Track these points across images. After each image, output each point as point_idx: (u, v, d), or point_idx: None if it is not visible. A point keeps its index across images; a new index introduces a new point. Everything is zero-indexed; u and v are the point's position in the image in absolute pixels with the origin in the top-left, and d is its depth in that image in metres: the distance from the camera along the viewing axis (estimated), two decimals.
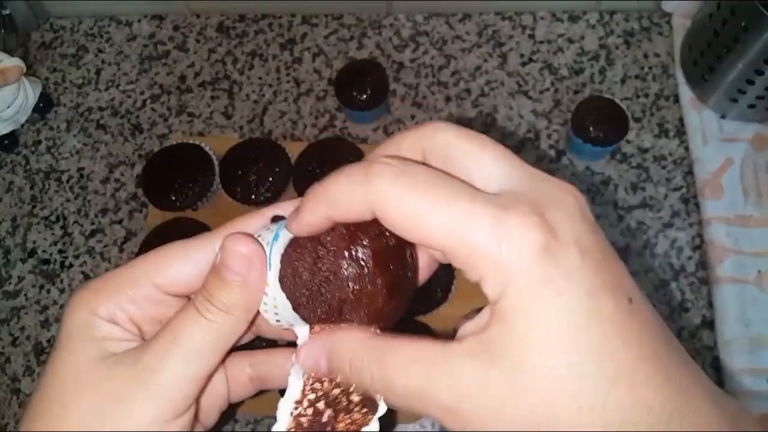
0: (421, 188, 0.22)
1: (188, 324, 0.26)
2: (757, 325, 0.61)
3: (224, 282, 0.26)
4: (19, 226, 0.72)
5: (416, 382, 0.22)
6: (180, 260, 0.27)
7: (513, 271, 0.21)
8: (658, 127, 0.71)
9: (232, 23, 0.79)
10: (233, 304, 0.26)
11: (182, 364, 0.25)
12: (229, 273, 0.26)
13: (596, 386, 0.20)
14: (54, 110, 0.77)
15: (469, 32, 0.76)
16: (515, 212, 0.21)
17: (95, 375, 0.25)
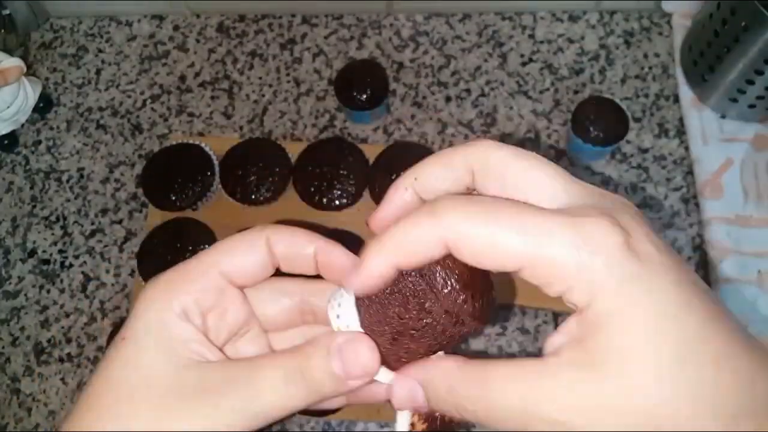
0: (491, 215, 0.22)
1: (269, 392, 0.25)
2: (757, 325, 0.61)
3: (329, 373, 0.26)
4: (19, 226, 0.72)
5: (518, 399, 0.22)
6: (244, 249, 0.28)
7: (600, 275, 0.21)
8: (658, 127, 0.71)
9: (232, 23, 0.79)
10: (319, 390, 0.26)
11: (239, 420, 0.25)
12: (339, 368, 0.26)
13: (700, 374, 0.20)
14: (54, 110, 0.77)
15: (469, 32, 0.76)
16: (588, 219, 0.22)
17: (164, 382, 0.25)
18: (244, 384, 0.25)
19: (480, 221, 0.22)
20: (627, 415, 0.20)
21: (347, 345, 0.26)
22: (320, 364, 0.26)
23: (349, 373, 0.26)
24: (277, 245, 0.28)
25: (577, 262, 0.21)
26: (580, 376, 0.21)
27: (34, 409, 0.64)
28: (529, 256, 0.22)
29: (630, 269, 0.21)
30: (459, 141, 0.71)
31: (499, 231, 0.22)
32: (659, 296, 0.21)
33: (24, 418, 0.64)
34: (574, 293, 0.22)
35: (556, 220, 0.22)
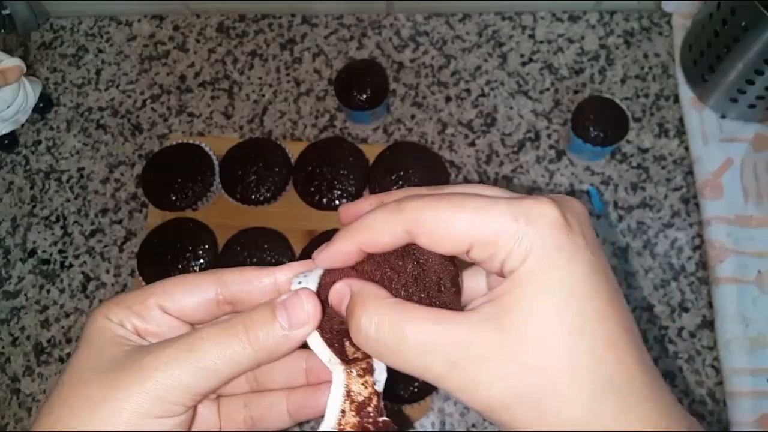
0: (444, 204, 0.26)
1: (208, 342, 0.27)
2: (757, 325, 0.61)
3: (272, 323, 0.27)
4: (19, 226, 0.72)
5: (427, 335, 0.24)
6: (187, 291, 0.30)
7: (533, 240, 0.24)
8: (658, 127, 0.71)
9: (232, 23, 0.79)
10: (264, 345, 0.27)
11: (185, 375, 0.26)
12: (283, 319, 0.27)
13: (593, 349, 0.23)
14: (54, 110, 0.77)
15: (469, 32, 0.76)
16: (527, 199, 0.25)
17: (112, 364, 0.27)
18: (186, 344, 0.27)
19: (435, 209, 0.26)
20: (515, 365, 0.23)
21: (290, 297, 0.28)
22: (263, 316, 0.27)
23: (293, 320, 0.27)
24: (229, 286, 0.30)
25: (515, 231, 0.24)
26: (485, 325, 0.24)
27: (34, 409, 0.64)
28: (476, 233, 0.25)
29: (558, 239, 0.24)
30: (459, 141, 0.72)
31: (451, 211, 0.25)
32: (577, 270, 0.24)
33: (24, 418, 0.64)
34: (510, 260, 0.24)
35: (498, 202, 0.25)
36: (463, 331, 0.24)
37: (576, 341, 0.23)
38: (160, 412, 0.26)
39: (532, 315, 0.23)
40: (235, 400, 0.32)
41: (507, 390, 0.23)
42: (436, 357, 0.24)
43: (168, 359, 0.26)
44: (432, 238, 0.26)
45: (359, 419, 0.28)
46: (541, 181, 0.69)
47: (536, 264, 0.24)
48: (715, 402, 0.61)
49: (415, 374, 0.25)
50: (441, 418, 0.61)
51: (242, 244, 0.65)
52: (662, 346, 0.63)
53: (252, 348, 0.27)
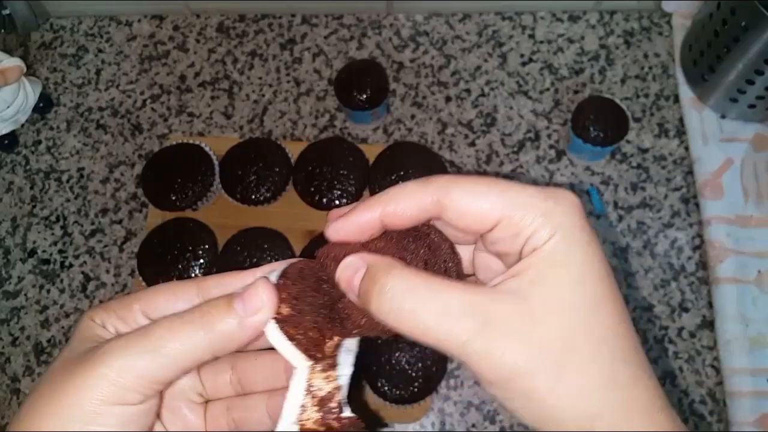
0: (474, 179, 0.27)
1: (164, 328, 0.27)
2: (757, 325, 0.61)
3: (228, 311, 0.27)
4: (19, 226, 0.72)
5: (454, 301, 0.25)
6: (169, 298, 0.30)
7: (562, 219, 0.25)
8: (658, 127, 0.71)
9: (232, 23, 0.79)
10: (219, 332, 0.27)
11: (140, 361, 0.26)
12: (239, 306, 0.27)
13: (610, 324, 0.25)
14: (54, 110, 0.77)
15: (469, 32, 0.76)
16: (553, 188, 0.27)
17: (71, 358, 0.27)
18: (143, 331, 0.27)
19: (467, 182, 0.27)
20: (540, 330, 0.24)
21: (247, 288, 0.28)
22: (219, 304, 0.27)
23: (247, 307, 0.27)
24: (210, 291, 0.30)
25: (546, 208, 0.25)
26: (509, 296, 0.25)
27: None
28: (508, 208, 0.26)
29: (581, 222, 0.26)
30: (459, 141, 0.72)
31: (484, 188, 0.26)
32: (594, 250, 0.26)
33: None
34: (534, 237, 0.25)
35: (525, 185, 0.26)
36: (489, 299, 0.25)
37: (595, 315, 0.25)
38: (117, 398, 0.26)
39: (555, 288, 0.25)
40: (220, 404, 0.32)
41: (530, 354, 0.24)
42: (461, 322, 0.24)
43: (123, 346, 0.26)
44: (461, 211, 0.26)
45: (321, 415, 0.27)
46: (541, 181, 0.69)
47: (562, 241, 0.25)
48: (715, 402, 0.61)
49: (436, 343, 0.25)
50: (441, 418, 0.61)
51: (242, 244, 0.65)
52: (662, 346, 0.63)
53: (207, 335, 0.27)
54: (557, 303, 0.25)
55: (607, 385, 0.24)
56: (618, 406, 0.24)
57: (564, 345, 0.24)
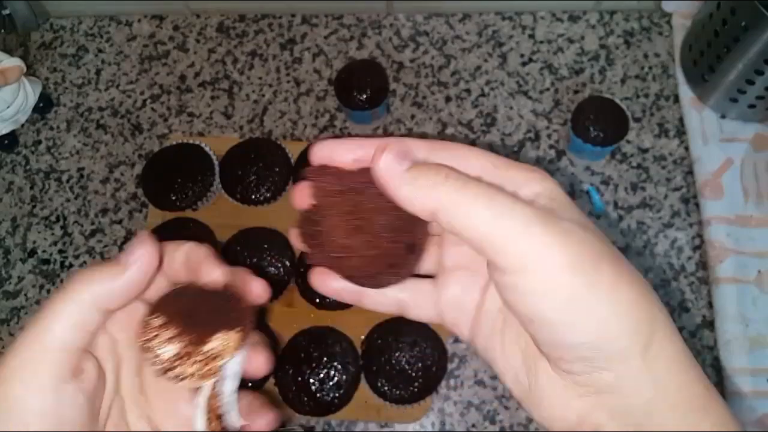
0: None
1: (78, 280, 0.27)
2: (757, 325, 0.61)
3: (122, 262, 0.27)
4: (19, 226, 0.72)
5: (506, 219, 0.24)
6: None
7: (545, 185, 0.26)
8: (658, 127, 0.71)
9: (232, 23, 0.79)
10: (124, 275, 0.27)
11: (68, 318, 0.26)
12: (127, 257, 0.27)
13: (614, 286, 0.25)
14: (54, 110, 0.77)
15: (469, 32, 0.76)
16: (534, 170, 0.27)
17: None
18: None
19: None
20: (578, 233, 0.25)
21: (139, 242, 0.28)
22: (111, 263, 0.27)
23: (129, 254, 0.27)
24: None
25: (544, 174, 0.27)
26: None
27: None
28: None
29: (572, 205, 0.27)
30: (459, 141, 0.71)
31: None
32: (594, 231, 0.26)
33: None
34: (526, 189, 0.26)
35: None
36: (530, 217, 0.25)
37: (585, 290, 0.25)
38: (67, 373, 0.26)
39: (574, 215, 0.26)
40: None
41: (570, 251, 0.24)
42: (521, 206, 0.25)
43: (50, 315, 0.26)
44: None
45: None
46: None
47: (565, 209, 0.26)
48: None
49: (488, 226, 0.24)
50: (441, 418, 0.61)
51: (242, 244, 0.65)
52: None
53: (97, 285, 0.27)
54: (588, 225, 0.26)
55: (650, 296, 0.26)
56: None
57: (610, 253, 0.25)
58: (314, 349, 0.61)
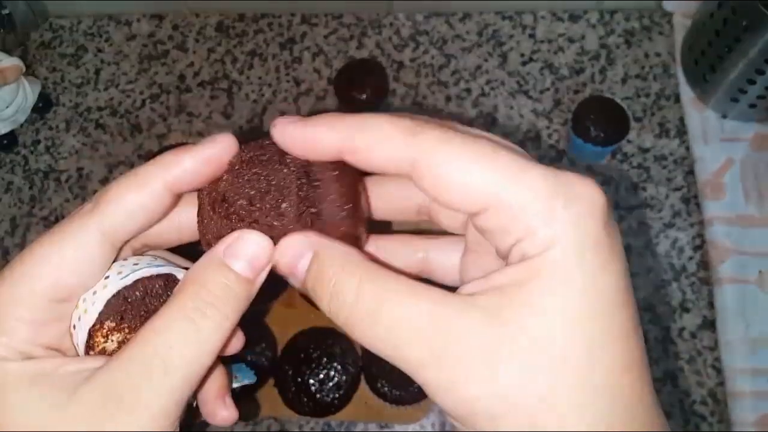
0: (471, 147, 0.21)
1: (174, 338, 0.22)
2: (758, 326, 0.61)
3: (234, 279, 0.23)
4: (18, 226, 0.72)
5: (412, 315, 0.20)
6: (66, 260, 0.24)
7: (567, 229, 0.19)
8: (659, 126, 0.71)
9: (232, 23, 0.79)
10: (235, 306, 0.23)
11: (175, 394, 0.22)
12: (240, 266, 0.23)
13: (610, 373, 0.19)
14: (53, 110, 0.77)
15: (470, 32, 0.76)
16: (571, 174, 0.20)
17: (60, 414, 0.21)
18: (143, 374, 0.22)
19: (459, 151, 0.21)
20: (515, 368, 0.19)
21: (234, 242, 0.23)
22: (217, 275, 0.23)
23: (254, 264, 0.23)
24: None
25: (548, 210, 0.20)
26: (484, 318, 0.20)
27: None
28: (499, 197, 0.20)
29: (597, 236, 0.20)
30: None
31: (476, 165, 0.20)
32: (609, 278, 0.20)
33: None
34: (527, 243, 0.20)
35: (534, 166, 0.20)
36: (455, 318, 0.20)
37: (593, 361, 0.19)
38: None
39: (547, 319, 0.19)
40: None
41: (499, 394, 0.19)
42: (417, 342, 0.20)
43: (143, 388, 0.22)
44: (439, 184, 0.21)
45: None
46: None
47: (562, 259, 0.19)
48: (716, 402, 0.61)
49: (389, 358, 0.21)
50: (441, 419, 0.61)
51: None
52: (663, 347, 0.63)
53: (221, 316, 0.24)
54: (546, 340, 0.19)
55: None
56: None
57: (543, 391, 0.19)
58: (314, 349, 0.60)
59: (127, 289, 0.25)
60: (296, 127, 0.23)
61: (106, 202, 0.24)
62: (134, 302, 0.25)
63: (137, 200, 0.24)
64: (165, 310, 0.23)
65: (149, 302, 0.25)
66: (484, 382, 0.19)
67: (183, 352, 0.22)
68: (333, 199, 0.24)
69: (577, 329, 0.19)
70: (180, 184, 0.24)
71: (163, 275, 0.26)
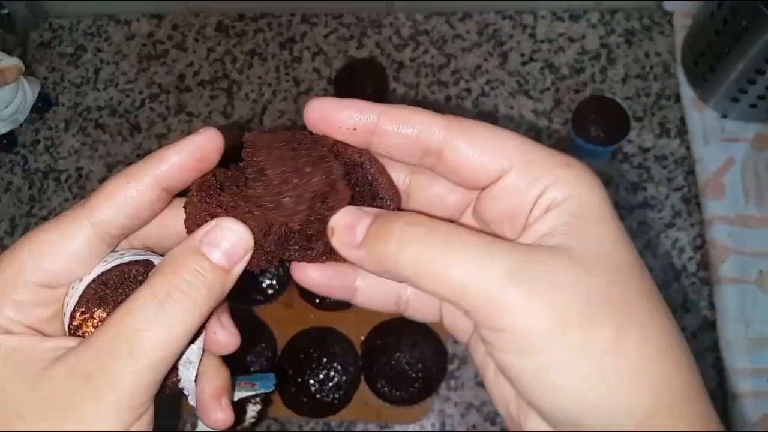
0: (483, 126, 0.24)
1: (141, 320, 0.22)
2: (758, 326, 0.61)
3: (208, 267, 0.23)
4: (17, 226, 0.72)
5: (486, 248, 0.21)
6: (55, 248, 0.25)
7: (582, 181, 0.23)
8: (660, 126, 0.70)
9: (231, 22, 0.79)
10: (206, 295, 0.23)
11: (141, 376, 0.22)
12: (219, 256, 0.24)
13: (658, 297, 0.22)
14: (52, 110, 0.77)
15: (470, 31, 0.76)
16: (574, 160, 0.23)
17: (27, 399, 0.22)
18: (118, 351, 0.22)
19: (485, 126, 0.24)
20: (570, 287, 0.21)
21: (213, 230, 0.24)
22: (190, 261, 0.23)
23: (231, 254, 0.24)
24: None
25: (565, 162, 0.23)
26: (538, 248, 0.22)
27: None
28: (519, 154, 0.23)
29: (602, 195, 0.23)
30: None
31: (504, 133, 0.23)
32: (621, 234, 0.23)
33: None
34: (556, 188, 0.23)
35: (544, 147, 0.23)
36: (524, 248, 0.22)
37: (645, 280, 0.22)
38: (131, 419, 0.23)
39: (597, 240, 0.22)
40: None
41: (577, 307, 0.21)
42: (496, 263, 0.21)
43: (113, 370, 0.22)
44: (475, 147, 0.23)
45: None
46: None
47: (588, 198, 0.23)
48: (716, 403, 0.61)
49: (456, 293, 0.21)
50: (441, 419, 0.61)
51: None
52: None
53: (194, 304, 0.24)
54: (609, 258, 0.21)
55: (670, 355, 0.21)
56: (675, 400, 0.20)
57: (619, 304, 0.20)
58: (314, 349, 0.60)
59: (105, 274, 0.25)
60: (332, 103, 0.25)
61: (97, 195, 0.25)
62: (112, 286, 0.26)
63: (125, 194, 0.25)
64: (137, 293, 0.23)
65: (127, 286, 0.26)
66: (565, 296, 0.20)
67: (150, 335, 0.22)
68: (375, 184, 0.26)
69: (622, 248, 0.22)
70: (168, 179, 0.25)
71: (143, 261, 0.26)
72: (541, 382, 0.21)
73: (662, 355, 0.21)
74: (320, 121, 0.25)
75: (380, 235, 0.23)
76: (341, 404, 0.60)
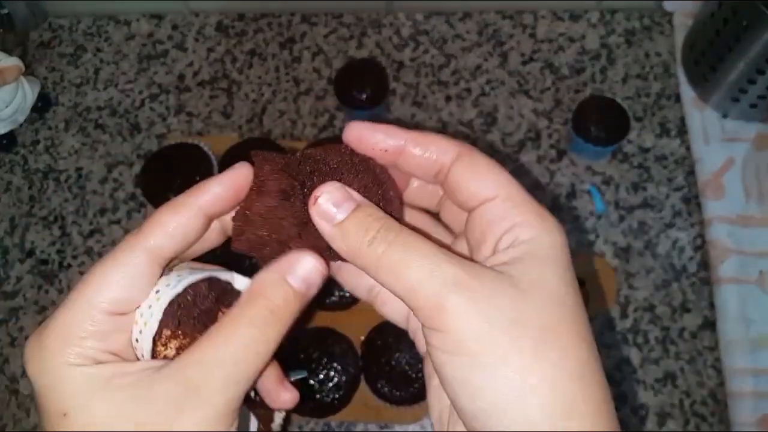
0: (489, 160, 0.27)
1: (240, 341, 0.25)
2: (758, 326, 0.61)
3: (290, 292, 0.27)
4: (17, 226, 0.72)
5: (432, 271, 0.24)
6: (117, 276, 0.27)
7: (551, 228, 0.25)
8: (660, 126, 0.70)
9: (231, 22, 0.79)
10: (290, 318, 0.27)
11: (242, 386, 0.25)
12: (297, 283, 0.27)
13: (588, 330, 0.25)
14: (52, 110, 0.77)
15: (470, 31, 0.76)
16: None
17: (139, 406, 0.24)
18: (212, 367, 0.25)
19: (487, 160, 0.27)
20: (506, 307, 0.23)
21: (292, 261, 0.28)
22: (278, 289, 0.27)
23: (308, 282, 0.28)
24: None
25: (540, 212, 0.26)
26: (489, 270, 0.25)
27: (32, 410, 0.64)
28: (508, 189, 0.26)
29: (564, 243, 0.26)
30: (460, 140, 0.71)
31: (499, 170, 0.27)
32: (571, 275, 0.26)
33: (23, 418, 0.64)
34: (523, 227, 0.26)
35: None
36: (476, 266, 0.24)
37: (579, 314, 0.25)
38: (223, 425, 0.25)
39: (543, 276, 0.24)
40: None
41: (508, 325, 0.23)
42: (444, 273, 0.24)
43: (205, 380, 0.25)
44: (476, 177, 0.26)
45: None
46: (542, 180, 0.69)
47: (549, 243, 0.25)
48: (716, 403, 0.61)
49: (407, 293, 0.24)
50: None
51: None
52: (664, 347, 0.63)
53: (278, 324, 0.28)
54: (546, 290, 0.24)
55: (583, 379, 0.23)
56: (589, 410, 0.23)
57: (545, 327, 0.23)
58: (314, 349, 0.60)
59: (179, 297, 0.28)
60: (366, 127, 0.29)
61: (150, 226, 0.29)
62: (187, 306, 0.28)
63: (176, 223, 0.28)
64: (232, 317, 0.26)
65: (199, 303, 0.28)
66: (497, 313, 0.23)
67: (247, 353, 0.25)
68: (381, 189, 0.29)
69: (565, 287, 0.25)
70: (211, 207, 0.29)
71: (206, 279, 0.29)
72: (467, 382, 0.23)
73: (575, 379, 0.23)
74: (356, 142, 0.29)
75: (360, 226, 0.26)
76: (341, 404, 0.60)
